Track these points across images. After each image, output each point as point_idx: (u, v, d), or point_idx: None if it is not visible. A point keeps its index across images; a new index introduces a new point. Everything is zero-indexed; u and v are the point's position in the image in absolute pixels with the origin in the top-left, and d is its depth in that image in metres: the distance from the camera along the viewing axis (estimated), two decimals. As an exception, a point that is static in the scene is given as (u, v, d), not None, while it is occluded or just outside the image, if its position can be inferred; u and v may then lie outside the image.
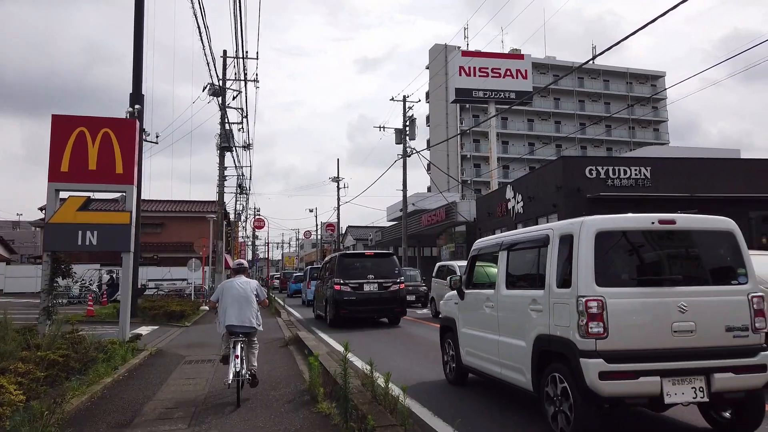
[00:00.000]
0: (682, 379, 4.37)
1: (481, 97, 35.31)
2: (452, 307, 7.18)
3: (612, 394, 4.28)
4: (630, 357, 4.34)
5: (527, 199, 23.81)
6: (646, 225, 4.84)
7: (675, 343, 4.44)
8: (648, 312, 4.49)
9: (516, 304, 5.50)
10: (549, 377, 4.76)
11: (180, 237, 38.24)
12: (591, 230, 4.65)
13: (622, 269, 4.77)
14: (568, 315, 4.58)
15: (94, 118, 10.00)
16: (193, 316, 18.90)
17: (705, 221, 5.04)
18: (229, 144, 26.21)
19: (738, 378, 4.42)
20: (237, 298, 6.63)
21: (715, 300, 4.62)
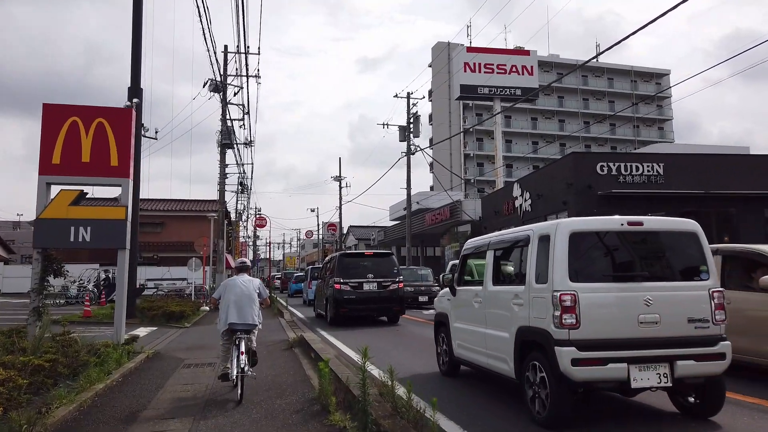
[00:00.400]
0: (647, 366, 4.77)
1: (486, 93, 34.72)
2: (445, 303, 7.63)
3: (583, 379, 4.72)
4: (600, 345, 4.76)
5: (536, 196, 23.24)
6: (615, 226, 5.29)
7: (641, 333, 4.85)
8: (616, 305, 4.92)
9: (501, 299, 5.89)
10: (529, 365, 5.18)
11: (180, 236, 37.70)
12: (565, 231, 5.06)
13: (594, 266, 5.18)
14: (545, 308, 4.98)
15: (87, 108, 9.44)
16: (193, 316, 18.35)
17: (670, 223, 5.53)
18: (231, 141, 25.66)
19: (699, 365, 4.85)
20: (239, 296, 6.70)
21: (679, 294, 5.04)
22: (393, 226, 49.74)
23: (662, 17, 10.17)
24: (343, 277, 15.00)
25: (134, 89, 17.71)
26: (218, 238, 26.23)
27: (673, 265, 5.36)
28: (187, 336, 13.92)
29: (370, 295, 15.00)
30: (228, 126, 25.77)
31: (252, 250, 76.73)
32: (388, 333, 13.22)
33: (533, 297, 5.24)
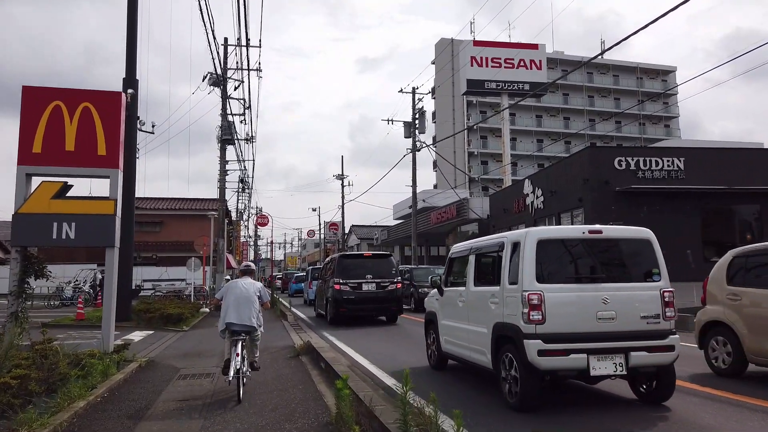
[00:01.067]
0: (604, 356, 5.37)
1: (494, 88, 33.76)
2: (434, 302, 8.23)
3: (548, 367, 5.31)
4: (562, 338, 5.34)
5: (549, 193, 22.31)
6: (578, 234, 6.00)
7: (599, 328, 5.46)
8: (577, 303, 5.53)
9: (481, 298, 6.50)
10: (503, 357, 5.78)
11: (180, 236, 36.81)
12: (533, 238, 5.66)
13: (558, 269, 5.78)
14: (516, 306, 5.57)
15: (71, 91, 8.53)
16: (192, 319, 17.44)
17: (627, 231, 6.19)
18: (231, 136, 24.74)
19: (651, 356, 5.45)
20: (240, 297, 6.85)
21: (633, 294, 5.64)
22: (397, 225, 48.81)
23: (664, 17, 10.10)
24: (342, 278, 15.25)
25: (129, 80, 16.81)
26: (218, 237, 25.32)
27: (629, 268, 5.97)
28: (186, 340, 13.02)
29: (369, 296, 15.26)
30: (228, 121, 24.86)
31: (253, 250, 75.91)
32: (386, 332, 13.52)
33: (506, 296, 5.85)
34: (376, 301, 15.36)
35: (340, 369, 6.43)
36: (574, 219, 20.83)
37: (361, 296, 15.23)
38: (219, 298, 7.16)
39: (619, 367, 5.41)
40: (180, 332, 14.85)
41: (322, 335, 12.87)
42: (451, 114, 61.96)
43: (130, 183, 17.08)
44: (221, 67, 24.73)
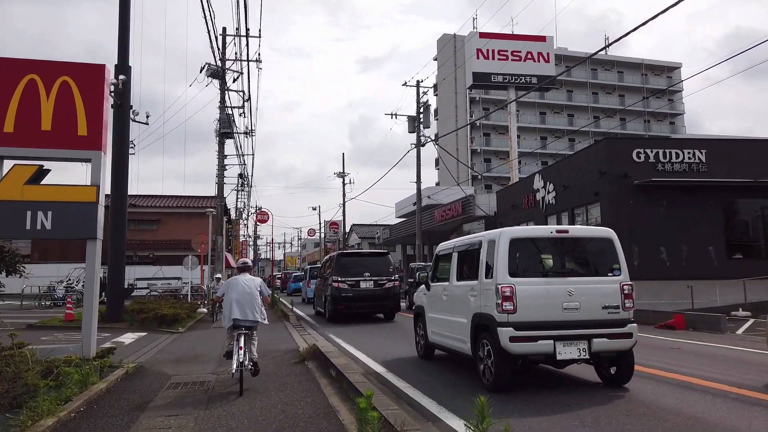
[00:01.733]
0: (569, 342, 5.92)
1: (501, 81, 32.80)
2: (422, 297, 8.75)
3: (519, 352, 5.89)
4: (532, 326, 5.91)
5: (561, 188, 21.36)
6: (546, 233, 6.61)
7: (564, 317, 6.01)
8: (545, 295, 6.06)
9: (462, 292, 7.02)
10: (480, 344, 6.27)
11: (177, 234, 35.82)
12: (507, 237, 6.20)
13: (528, 265, 6.29)
14: (491, 298, 6.07)
15: (48, 63, 7.57)
16: (188, 320, 16.48)
17: (591, 231, 7.01)
18: (230, 129, 23.78)
19: (611, 342, 6.03)
20: (242, 294, 6.95)
21: (595, 287, 6.19)
22: (399, 223, 47.84)
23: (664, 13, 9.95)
24: (340, 276, 15.44)
25: (121, 66, 15.87)
26: (217, 234, 24.36)
27: (592, 264, 6.56)
28: (180, 343, 12.07)
29: (367, 293, 15.49)
30: (227, 113, 23.92)
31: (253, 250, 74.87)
32: (384, 329, 13.99)
33: (483, 289, 6.36)
34: (374, 298, 15.55)
35: (356, 380, 5.48)
36: (589, 214, 19.88)
37: (359, 294, 15.41)
38: (221, 296, 7.32)
39: (583, 353, 5.97)
40: (175, 334, 13.90)
41: (328, 336, 11.92)
42: (454, 111, 60.99)
43: (122, 175, 16.12)
44: (220, 57, 23.78)
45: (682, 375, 7.09)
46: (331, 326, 13.99)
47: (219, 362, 8.97)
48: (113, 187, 15.97)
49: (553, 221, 22.62)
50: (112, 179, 16.03)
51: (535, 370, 7.16)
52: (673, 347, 9.88)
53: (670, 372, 7.32)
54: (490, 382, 6.15)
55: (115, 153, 16.07)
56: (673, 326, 13.22)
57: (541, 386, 6.56)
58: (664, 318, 14.14)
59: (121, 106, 15.85)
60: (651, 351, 9.30)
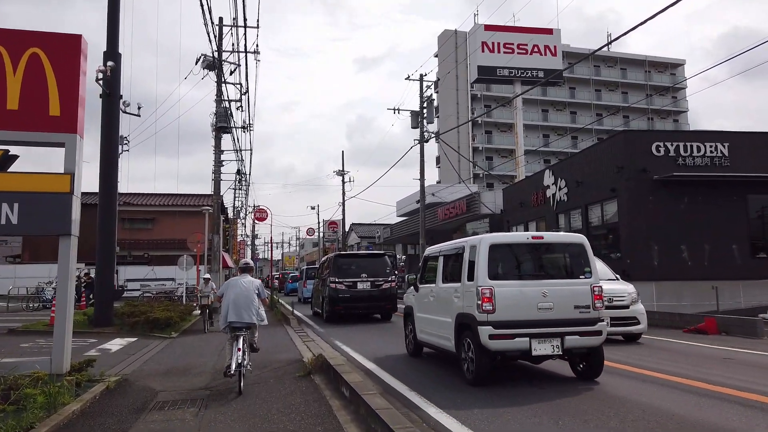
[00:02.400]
0: (544, 340, 6.45)
1: (506, 75, 31.81)
2: (411, 298, 9.11)
3: (497, 349, 6.45)
4: (509, 325, 6.45)
5: (574, 184, 20.39)
6: (523, 240, 7.42)
7: (539, 316, 6.54)
8: (521, 296, 6.62)
9: (446, 293, 7.60)
10: (463, 341, 6.87)
11: (173, 233, 34.75)
12: (487, 243, 6.77)
13: (506, 268, 6.88)
14: (472, 299, 6.63)
15: (14, 32, 6.54)
16: (183, 323, 15.47)
17: (564, 237, 8.22)
18: (227, 123, 22.76)
19: (582, 339, 6.57)
20: (238, 295, 7.06)
21: (568, 288, 6.75)
22: (400, 222, 46.85)
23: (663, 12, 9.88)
24: (338, 277, 15.52)
25: (111, 52, 14.86)
26: (213, 233, 23.34)
27: (565, 267, 6.98)
28: (172, 350, 11.07)
29: (364, 294, 15.55)
30: (224, 107, 22.88)
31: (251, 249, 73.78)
32: (379, 329, 14.19)
33: (465, 291, 6.80)
34: (371, 299, 15.62)
35: (378, 405, 4.46)
36: (605, 211, 18.92)
37: (356, 295, 15.48)
38: (220, 296, 7.46)
39: (556, 349, 6.40)
40: (167, 339, 12.91)
41: (333, 343, 10.93)
42: (455, 108, 60.02)
43: (111, 169, 15.11)
44: (216, 48, 22.76)
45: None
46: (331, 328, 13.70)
47: (213, 374, 8.00)
48: (102, 181, 14.96)
49: (565, 219, 21.67)
50: (101, 173, 15.02)
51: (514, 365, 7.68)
52: (726, 357, 8.90)
53: (759, 394, 6.07)
54: (470, 376, 6.65)
55: (104, 146, 15.07)
56: (704, 330, 12.25)
57: (517, 379, 7.08)
58: (691, 321, 13.19)
59: (110, 95, 14.83)
60: (702, 362, 8.32)
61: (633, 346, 10.07)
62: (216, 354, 10.24)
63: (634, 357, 8.76)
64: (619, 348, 9.66)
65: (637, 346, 10.13)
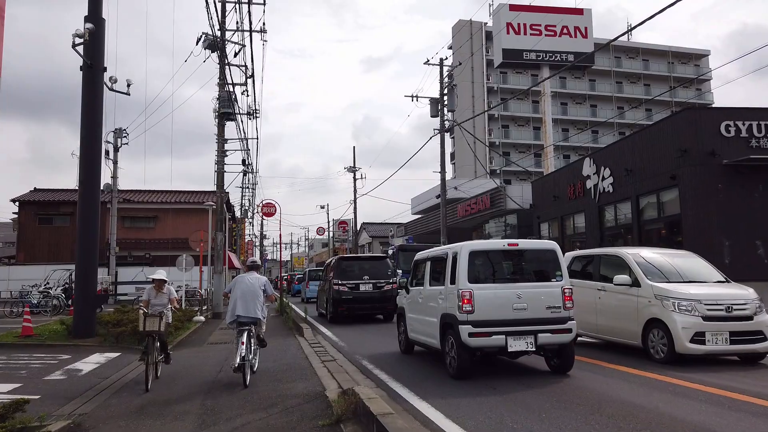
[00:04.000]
0: (519, 337, 7.03)
1: (534, 59, 29.44)
2: (403, 300, 9.86)
3: (476, 345, 7.02)
4: (487, 324, 7.02)
5: (622, 172, 18.02)
6: (500, 246, 7.96)
7: (514, 316, 7.10)
8: (498, 298, 7.20)
9: (432, 295, 8.22)
10: (447, 339, 7.45)
11: (176, 232, 32.70)
12: (467, 250, 7.39)
13: (484, 273, 7.47)
14: (454, 300, 7.21)
15: None
16: (179, 333, 13.28)
17: (537, 244, 8.46)
18: (231, 109, 20.57)
19: (553, 336, 7.11)
20: (245, 291, 7.40)
21: (540, 290, 7.31)
22: (415, 220, 44.62)
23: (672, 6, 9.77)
24: (341, 279, 16.01)
25: (93, 18, 12.70)
26: (217, 230, 21.15)
27: (538, 271, 7.64)
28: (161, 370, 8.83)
29: (366, 295, 16.02)
30: (227, 91, 20.70)
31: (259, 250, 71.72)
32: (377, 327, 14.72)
33: (448, 293, 7.51)
34: (373, 300, 16.05)
35: None
36: (662, 202, 16.53)
37: (358, 296, 15.96)
38: (228, 292, 7.74)
39: (530, 345, 7.04)
40: None
41: (362, 366, 8.63)
42: (470, 101, 57.49)
43: (93, 154, 12.92)
44: (219, 26, 20.58)
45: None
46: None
47: (203, 414, 5.77)
48: (83, 167, 12.80)
49: (611, 212, 19.30)
50: (82, 157, 12.86)
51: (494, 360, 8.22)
52: None
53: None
54: (454, 371, 7.22)
55: (85, 125, 12.90)
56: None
57: (497, 373, 7.61)
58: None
59: (92, 67, 12.66)
60: None
61: (758, 370, 7.70)
62: (213, 377, 8.02)
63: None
64: (738, 372, 7.32)
65: (764, 369, 7.76)
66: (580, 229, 21.48)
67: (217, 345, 12.12)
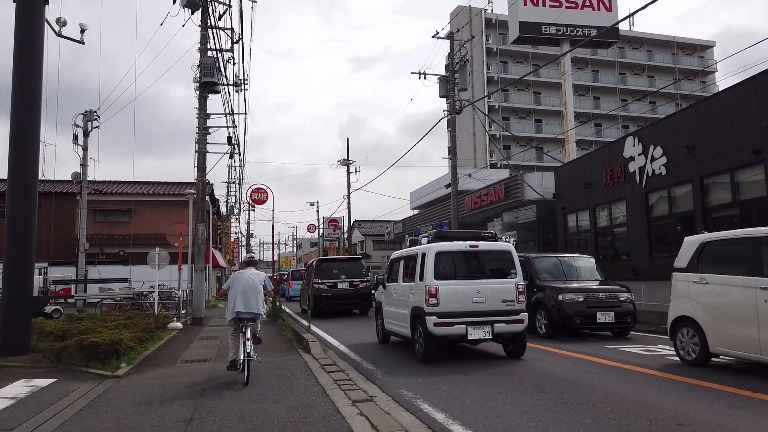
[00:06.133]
0: (477, 326, 8.25)
1: (553, 33, 26.64)
2: (381, 295, 10.99)
3: (441, 334, 8.24)
4: (450, 315, 8.23)
5: (681, 150, 15.20)
6: (463, 248, 8.91)
7: (474, 308, 8.35)
8: (460, 293, 8.41)
9: (405, 290, 9.43)
10: (416, 328, 8.66)
11: (155, 227, 29.33)
12: (433, 251, 8.58)
13: (449, 270, 8.61)
14: (422, 294, 8.42)
15: None
16: (142, 348, 10.15)
17: (495, 245, 9.45)
18: (214, 77, 17.42)
19: (508, 326, 8.38)
20: (245, 287, 7.41)
21: (497, 286, 8.55)
22: (414, 216, 41.70)
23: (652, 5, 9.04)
24: (320, 278, 17.83)
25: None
26: (197, 221, 17.98)
27: (495, 269, 8.84)
28: (99, 413, 5.76)
29: (343, 293, 17.82)
30: (210, 57, 17.56)
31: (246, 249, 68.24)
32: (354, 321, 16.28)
33: (417, 288, 8.70)
34: (350, 297, 17.83)
35: None
36: (737, 182, 13.69)
37: (336, 293, 17.76)
38: (226, 289, 7.80)
39: (487, 334, 8.27)
40: (108, 380, 7.74)
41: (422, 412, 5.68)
42: (471, 92, 54.60)
43: (29, 118, 9.71)
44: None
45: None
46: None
47: None
48: (14, 136, 9.63)
49: (662, 198, 16.45)
50: (13, 122, 9.68)
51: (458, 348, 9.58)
52: None
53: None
54: (421, 356, 8.49)
55: (17, 76, 9.73)
56: None
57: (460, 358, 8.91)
58: None
59: None
60: None
61: None
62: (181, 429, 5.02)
63: None
64: None
65: None
66: (620, 220, 18.65)
67: (195, 364, 9.08)
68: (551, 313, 10.80)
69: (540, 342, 10.51)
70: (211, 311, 23.65)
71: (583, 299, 10.61)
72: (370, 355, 9.38)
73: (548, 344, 10.28)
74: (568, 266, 11.95)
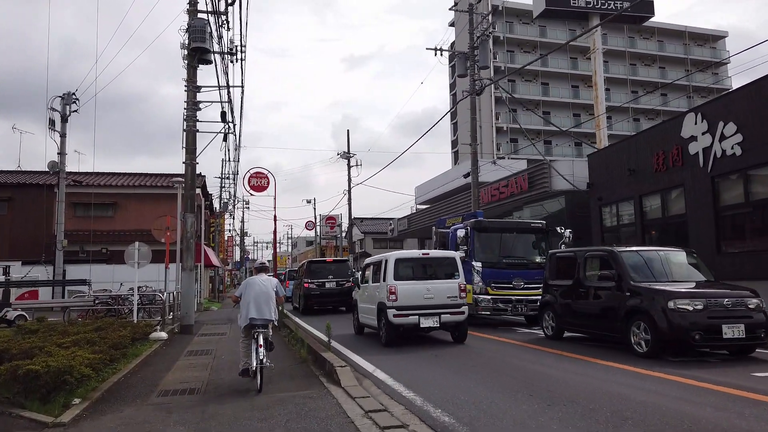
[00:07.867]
0: (428, 317, 10.17)
1: (582, 6, 24.35)
2: (356, 293, 12.98)
3: (399, 323, 10.12)
4: (406, 308, 10.14)
5: (762, 123, 12.68)
6: (416, 255, 11.24)
7: (425, 302, 10.24)
8: (414, 290, 10.29)
9: (374, 290, 11.19)
10: (381, 320, 10.52)
11: (141, 223, 26.60)
12: (393, 258, 10.60)
13: (405, 273, 10.54)
14: (384, 292, 10.33)
15: None
16: (107, 374, 7.56)
17: (442, 253, 11.92)
18: (205, 45, 14.78)
19: (452, 317, 10.31)
20: (258, 293, 7.34)
21: (443, 286, 10.45)
22: (421, 211, 39.17)
23: None
24: (310, 278, 19.87)
25: None
26: (187, 211, 15.35)
27: (442, 272, 10.75)
28: None
29: (330, 291, 19.84)
30: (201, 19, 14.93)
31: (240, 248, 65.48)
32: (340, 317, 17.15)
33: (381, 288, 10.57)
34: (336, 295, 19.81)
35: None
36: None
37: (324, 292, 19.81)
38: (238, 296, 7.55)
39: (436, 323, 10.17)
40: (45, 430, 5.15)
41: None
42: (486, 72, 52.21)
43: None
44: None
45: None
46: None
47: None
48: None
49: (736, 183, 13.99)
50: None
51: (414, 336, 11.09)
52: None
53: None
54: (384, 341, 10.32)
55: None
56: None
57: (414, 344, 10.51)
58: None
59: None
60: None
61: None
62: None
63: None
64: None
65: None
66: (676, 211, 16.17)
67: (177, 397, 6.52)
68: (657, 326, 7.96)
69: (640, 364, 7.61)
70: (203, 315, 21.03)
71: (702, 307, 7.86)
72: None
73: (659, 369, 7.28)
74: (667, 263, 9.25)
